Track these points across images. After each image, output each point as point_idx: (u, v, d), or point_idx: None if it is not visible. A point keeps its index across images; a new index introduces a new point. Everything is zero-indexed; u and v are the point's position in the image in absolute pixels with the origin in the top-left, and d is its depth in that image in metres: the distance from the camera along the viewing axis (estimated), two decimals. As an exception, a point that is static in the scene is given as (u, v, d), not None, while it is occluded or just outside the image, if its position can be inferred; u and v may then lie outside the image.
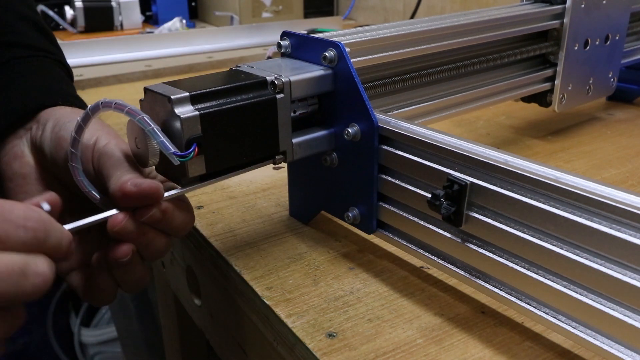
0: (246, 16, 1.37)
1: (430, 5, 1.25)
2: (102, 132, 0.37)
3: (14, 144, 0.41)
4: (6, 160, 0.41)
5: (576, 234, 0.29)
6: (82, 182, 0.35)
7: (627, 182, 0.56)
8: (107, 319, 1.53)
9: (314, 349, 0.34)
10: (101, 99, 0.33)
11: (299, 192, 0.48)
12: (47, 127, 0.40)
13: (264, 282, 0.41)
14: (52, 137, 0.39)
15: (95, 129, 0.38)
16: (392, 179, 0.40)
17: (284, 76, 0.38)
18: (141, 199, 0.33)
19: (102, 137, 0.37)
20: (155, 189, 0.33)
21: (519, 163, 0.32)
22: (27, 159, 0.41)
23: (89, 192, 0.35)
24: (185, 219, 0.37)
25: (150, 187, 0.33)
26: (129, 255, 0.34)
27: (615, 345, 0.29)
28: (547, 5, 0.59)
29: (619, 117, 0.74)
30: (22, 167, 0.40)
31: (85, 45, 1.04)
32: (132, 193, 0.33)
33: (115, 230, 0.33)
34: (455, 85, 0.54)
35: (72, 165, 0.34)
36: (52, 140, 0.39)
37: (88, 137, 0.37)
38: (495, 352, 0.34)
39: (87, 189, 0.35)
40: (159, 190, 0.34)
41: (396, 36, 0.46)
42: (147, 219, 0.34)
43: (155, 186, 0.33)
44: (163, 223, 0.35)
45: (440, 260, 0.38)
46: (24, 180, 0.40)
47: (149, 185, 0.33)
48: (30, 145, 0.41)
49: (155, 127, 0.33)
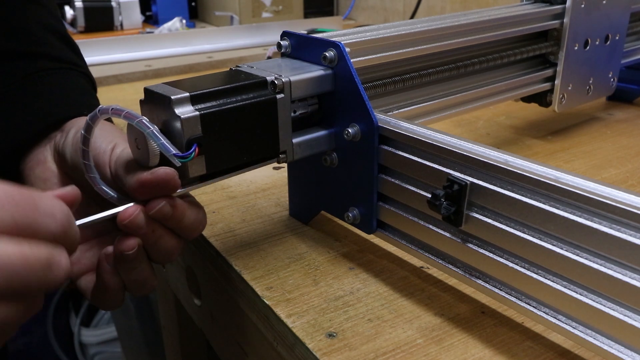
0: (246, 16, 1.37)
1: (430, 5, 1.25)
2: (120, 139, 0.38)
3: (38, 151, 0.43)
4: (30, 166, 0.42)
5: (576, 234, 0.29)
6: (94, 178, 0.35)
7: (627, 182, 0.56)
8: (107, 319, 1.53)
9: (314, 349, 0.34)
10: (98, 106, 0.33)
11: (299, 192, 0.48)
12: (70, 134, 0.41)
13: (264, 282, 0.41)
14: (73, 143, 0.40)
15: (113, 136, 0.39)
16: (392, 179, 0.40)
17: (284, 76, 0.39)
18: (158, 186, 0.34)
19: (120, 143, 0.38)
20: (172, 175, 0.34)
21: (519, 163, 0.32)
22: (49, 164, 0.42)
23: (101, 189, 0.35)
24: (196, 219, 0.37)
25: (167, 173, 0.33)
26: (134, 249, 0.34)
27: (615, 345, 0.29)
28: (547, 5, 0.59)
29: (619, 117, 0.74)
30: (44, 172, 0.42)
31: (85, 45, 1.03)
32: (149, 180, 0.33)
33: (124, 223, 0.33)
34: (455, 85, 0.54)
35: (84, 163, 0.35)
36: (72, 145, 0.40)
37: (107, 143, 0.38)
38: (495, 352, 0.34)
39: (98, 185, 0.35)
40: (175, 176, 0.34)
41: (396, 36, 0.46)
42: (157, 212, 0.34)
43: (172, 172, 0.34)
44: (173, 220, 0.35)
45: (440, 260, 0.38)
46: (45, 184, 0.41)
47: (165, 172, 0.33)
48: (54, 152, 0.42)
49: (154, 129, 0.33)
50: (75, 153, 0.40)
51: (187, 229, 0.36)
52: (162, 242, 0.36)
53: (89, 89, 0.49)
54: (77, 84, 0.48)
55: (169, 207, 0.34)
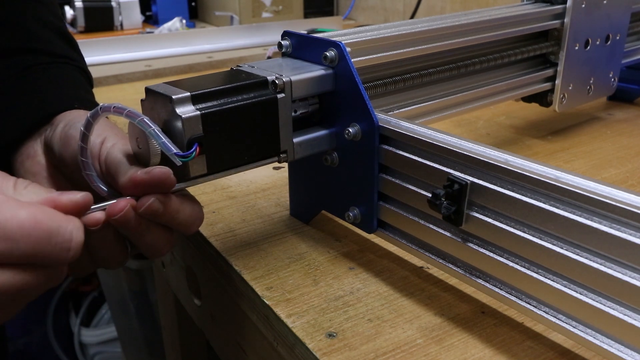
0: (246, 16, 1.37)
1: (430, 5, 1.25)
2: (110, 133, 0.38)
3: (29, 145, 0.43)
4: (20, 160, 0.42)
5: (576, 233, 0.29)
6: (90, 176, 0.35)
7: (627, 182, 0.56)
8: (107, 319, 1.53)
9: (314, 349, 0.34)
10: (100, 104, 0.33)
11: (300, 191, 0.48)
12: (58, 128, 0.41)
13: (264, 282, 0.41)
14: (62, 136, 0.40)
15: (103, 129, 0.38)
16: (392, 179, 0.40)
17: (284, 76, 0.39)
18: (153, 185, 0.33)
19: (110, 137, 0.37)
20: (167, 174, 0.33)
21: (519, 163, 0.32)
22: (38, 158, 0.42)
23: (97, 186, 0.35)
24: (192, 214, 0.36)
25: (162, 172, 0.33)
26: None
27: (615, 344, 0.29)
28: (548, 5, 0.59)
29: (619, 117, 0.74)
30: (33, 166, 0.42)
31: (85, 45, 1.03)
32: (143, 180, 0.33)
33: (114, 218, 0.33)
34: (455, 85, 0.54)
35: (82, 160, 0.34)
36: (61, 138, 0.40)
37: (96, 136, 0.37)
38: (496, 352, 0.34)
39: (95, 182, 0.35)
40: (170, 175, 0.33)
41: (396, 36, 0.46)
42: (146, 209, 0.33)
43: (167, 171, 0.33)
44: (167, 216, 0.35)
45: (441, 259, 0.38)
46: (34, 178, 0.41)
47: (160, 171, 0.33)
48: (43, 145, 0.42)
49: (155, 128, 0.33)
50: (63, 147, 0.39)
51: (182, 224, 0.36)
52: (151, 236, 0.35)
53: (82, 82, 0.49)
54: (70, 78, 0.48)
55: (158, 203, 0.34)
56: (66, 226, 0.29)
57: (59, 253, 0.29)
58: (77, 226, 0.30)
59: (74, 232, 0.30)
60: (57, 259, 0.29)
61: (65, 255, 0.29)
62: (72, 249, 0.30)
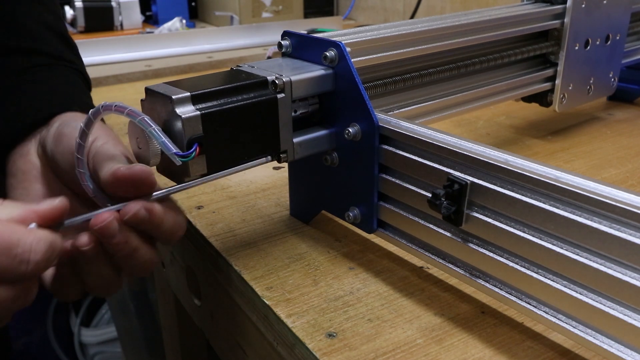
0: (246, 16, 1.37)
1: (430, 5, 1.25)
2: (101, 132, 0.38)
3: (23, 144, 0.43)
4: (13, 159, 0.42)
5: (576, 233, 0.29)
6: (83, 174, 0.35)
7: (627, 182, 0.56)
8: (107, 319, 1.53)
9: (314, 349, 0.34)
10: (102, 102, 0.33)
11: (300, 191, 0.48)
12: (52, 128, 0.41)
13: (264, 282, 0.41)
14: (55, 134, 0.40)
15: (97, 130, 0.38)
16: (392, 179, 0.40)
17: (284, 76, 0.39)
18: (133, 184, 0.33)
19: (101, 136, 0.37)
20: (148, 173, 0.33)
21: (519, 163, 0.32)
22: (31, 157, 0.42)
23: (86, 185, 0.35)
24: (175, 223, 0.36)
25: (143, 170, 0.33)
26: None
27: (615, 344, 0.29)
28: (548, 5, 0.59)
29: (619, 117, 0.74)
30: (25, 164, 0.41)
31: (85, 45, 1.04)
32: (124, 176, 0.33)
33: (96, 229, 0.32)
34: (455, 85, 0.54)
35: (79, 172, 0.34)
36: (54, 136, 0.40)
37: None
38: (495, 352, 0.34)
39: (85, 181, 0.35)
40: (151, 175, 0.33)
41: (396, 36, 0.46)
42: (132, 217, 0.33)
43: (148, 170, 0.33)
44: (151, 225, 0.34)
45: (441, 259, 0.38)
46: (24, 176, 0.41)
47: (142, 169, 0.33)
48: (38, 145, 0.42)
49: (156, 127, 0.33)
50: (55, 145, 0.39)
51: (165, 233, 0.35)
52: (138, 255, 0.35)
53: (80, 85, 0.49)
54: (68, 81, 0.48)
55: (144, 211, 0.33)
56: (26, 239, 0.29)
57: (18, 266, 0.28)
58: (39, 238, 0.29)
59: (34, 244, 0.29)
60: (17, 273, 0.28)
61: (25, 268, 0.29)
62: (32, 261, 0.29)
